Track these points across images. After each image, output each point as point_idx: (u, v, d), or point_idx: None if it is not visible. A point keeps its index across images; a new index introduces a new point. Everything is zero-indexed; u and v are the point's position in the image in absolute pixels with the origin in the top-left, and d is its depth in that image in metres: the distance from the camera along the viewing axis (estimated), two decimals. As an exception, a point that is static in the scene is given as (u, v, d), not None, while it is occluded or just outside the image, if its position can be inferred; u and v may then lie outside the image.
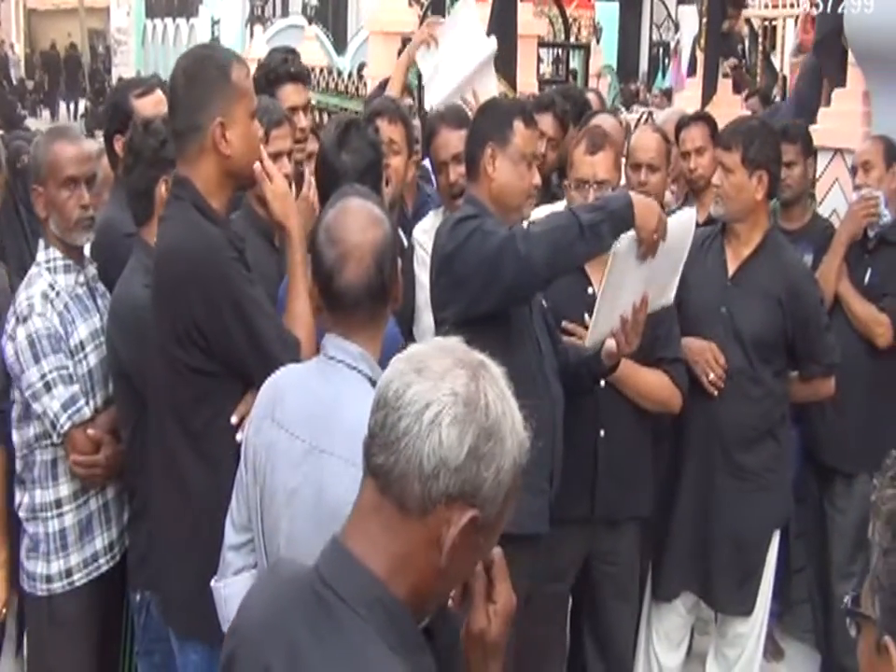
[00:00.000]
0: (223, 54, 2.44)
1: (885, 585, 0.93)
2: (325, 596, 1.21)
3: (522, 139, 2.81)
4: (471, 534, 1.20)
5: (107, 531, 2.84)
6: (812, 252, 4.16)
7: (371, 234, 1.97)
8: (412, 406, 1.18)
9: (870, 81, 4.46)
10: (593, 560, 3.19)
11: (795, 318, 3.29)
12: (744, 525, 3.30)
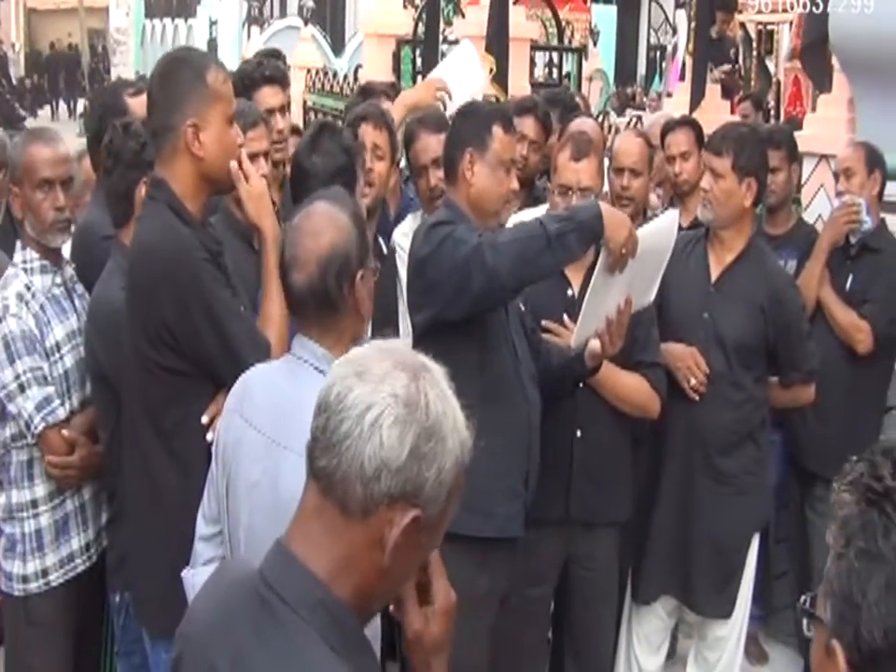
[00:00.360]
0: (201, 58, 2.46)
1: (835, 590, 0.95)
2: (268, 599, 1.22)
3: (500, 145, 2.82)
4: (414, 534, 1.21)
5: (84, 532, 2.85)
6: (796, 258, 4.18)
7: (321, 241, 1.99)
8: (353, 409, 1.19)
9: (854, 87, 4.48)
10: (571, 564, 3.20)
11: (777, 325, 3.31)
12: (723, 529, 3.31)
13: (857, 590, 0.92)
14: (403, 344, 1.31)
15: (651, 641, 3.48)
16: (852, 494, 0.97)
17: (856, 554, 0.93)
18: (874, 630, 0.90)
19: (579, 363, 2.89)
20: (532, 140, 3.97)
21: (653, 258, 2.87)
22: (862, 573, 0.92)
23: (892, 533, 0.92)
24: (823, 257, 3.92)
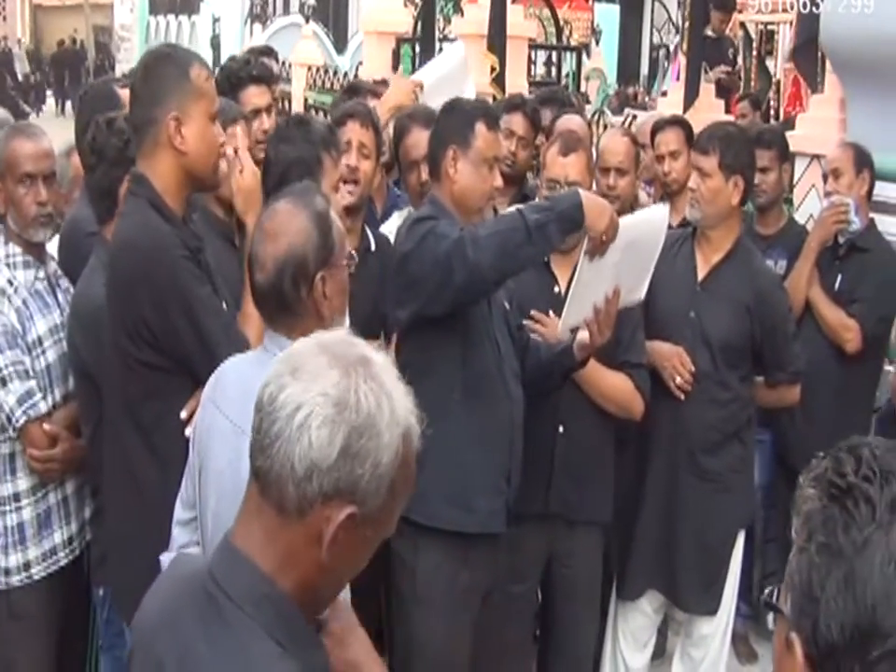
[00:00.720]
0: (185, 54, 2.47)
1: (796, 583, 0.95)
2: (214, 595, 1.23)
3: (484, 142, 2.83)
4: (353, 528, 1.21)
5: (66, 525, 2.86)
6: (787, 257, 4.18)
7: (278, 243, 2.01)
8: (283, 410, 1.19)
9: (846, 88, 4.48)
10: (553, 561, 3.21)
11: (763, 325, 3.31)
12: (708, 526, 3.32)
13: (816, 584, 0.93)
14: (347, 335, 1.30)
15: (637, 638, 3.49)
16: (816, 489, 0.97)
17: (816, 549, 0.94)
18: (831, 624, 0.91)
19: (567, 356, 2.89)
20: (521, 136, 3.98)
21: (642, 251, 2.87)
22: (822, 568, 0.93)
23: (853, 529, 0.93)
24: (812, 256, 3.93)
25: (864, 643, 0.89)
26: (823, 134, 4.58)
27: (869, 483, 0.94)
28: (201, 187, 2.48)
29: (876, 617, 0.89)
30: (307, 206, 2.05)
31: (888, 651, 0.89)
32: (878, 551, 0.91)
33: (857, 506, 0.93)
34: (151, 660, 1.27)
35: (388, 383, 1.24)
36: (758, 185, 4.22)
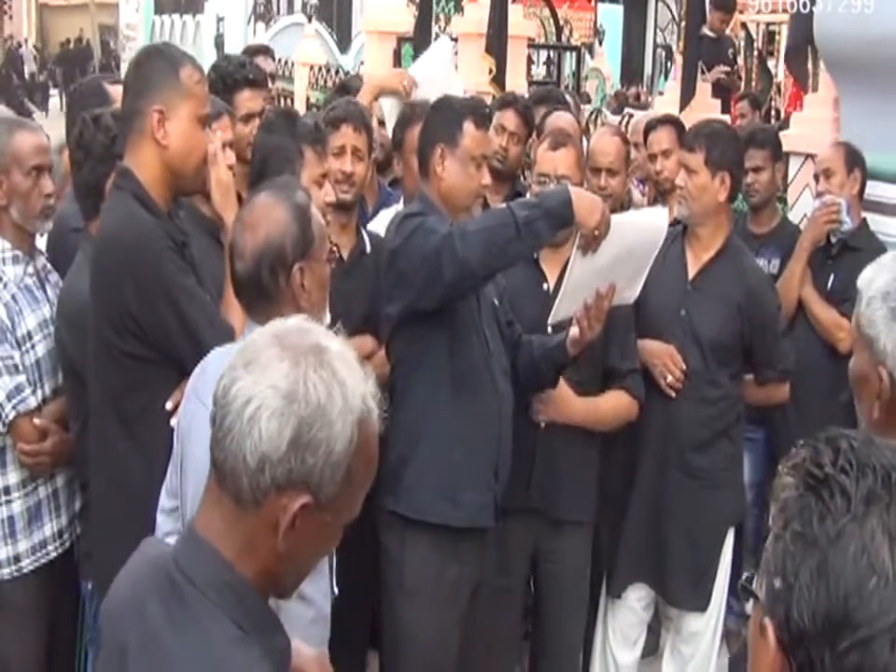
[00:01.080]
0: (179, 54, 2.50)
1: (771, 570, 0.96)
2: (177, 581, 1.25)
3: (471, 140, 2.85)
4: (311, 516, 1.23)
5: (56, 518, 2.88)
6: (780, 257, 4.19)
7: (257, 234, 2.05)
8: (234, 403, 1.21)
9: (839, 87, 4.48)
10: (539, 558, 3.23)
11: (753, 324, 3.33)
12: (698, 523, 3.33)
13: (790, 572, 0.94)
14: (304, 323, 1.30)
15: (627, 636, 3.50)
16: (793, 477, 0.98)
17: (791, 537, 0.95)
18: (803, 612, 0.92)
19: (560, 352, 2.90)
20: (512, 132, 4.01)
21: (638, 252, 2.88)
22: (796, 556, 0.94)
23: (827, 520, 0.94)
24: (805, 256, 3.94)
25: (835, 633, 0.90)
26: (817, 134, 4.58)
27: (846, 474, 0.95)
28: (183, 186, 2.48)
29: (848, 608, 0.90)
30: (287, 199, 2.09)
31: (857, 641, 0.90)
32: (852, 542, 0.92)
33: (832, 497, 0.94)
34: (116, 645, 1.29)
35: (341, 370, 1.24)
36: (751, 184, 4.24)
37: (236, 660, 1.21)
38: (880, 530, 0.91)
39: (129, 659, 1.26)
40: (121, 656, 1.27)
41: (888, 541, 0.91)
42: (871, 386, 1.56)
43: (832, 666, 0.90)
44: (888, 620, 0.89)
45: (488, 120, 2.99)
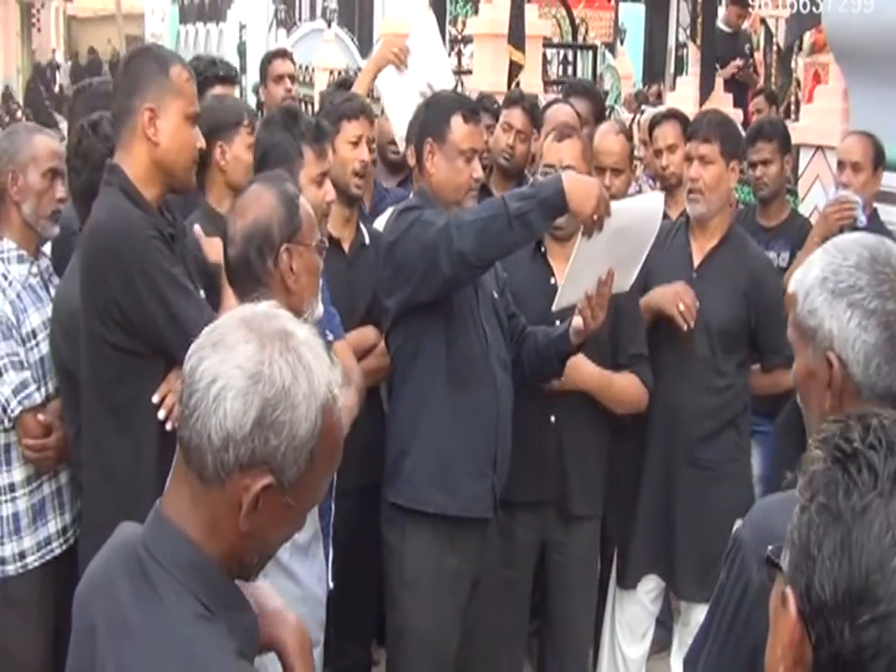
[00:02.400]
0: (168, 54, 2.55)
1: (795, 541, 0.97)
2: (144, 560, 1.27)
3: (459, 134, 2.87)
4: (274, 497, 1.25)
5: (61, 515, 2.91)
6: (789, 249, 4.16)
7: (246, 218, 2.13)
8: (201, 382, 1.23)
9: (848, 78, 4.45)
10: (547, 552, 3.23)
11: (759, 309, 3.33)
12: (705, 514, 3.32)
13: (814, 543, 0.94)
14: (272, 308, 1.32)
15: (634, 630, 3.49)
16: (822, 451, 0.98)
17: (817, 509, 0.95)
18: (825, 584, 0.92)
19: (563, 341, 2.91)
20: (519, 130, 4.03)
21: (635, 238, 2.88)
22: (821, 528, 0.94)
23: (854, 494, 0.94)
24: (815, 250, 3.88)
25: (855, 606, 0.91)
26: (827, 125, 4.56)
27: (874, 451, 0.95)
28: (173, 183, 2.50)
29: (869, 583, 0.90)
30: (275, 186, 2.16)
31: (878, 616, 0.90)
32: (877, 519, 0.92)
33: (860, 472, 0.94)
34: (86, 624, 1.31)
35: (307, 356, 1.26)
36: (760, 177, 4.22)
37: (200, 637, 1.22)
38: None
39: (97, 637, 1.28)
40: (91, 634, 1.29)
41: None
42: (819, 380, 1.52)
43: (850, 639, 0.91)
44: None
45: (478, 115, 3.00)
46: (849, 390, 1.50)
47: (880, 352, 1.47)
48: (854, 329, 1.48)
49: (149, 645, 1.22)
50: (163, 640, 1.22)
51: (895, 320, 1.47)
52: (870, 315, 1.47)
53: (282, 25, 16.50)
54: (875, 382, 1.48)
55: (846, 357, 1.49)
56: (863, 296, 1.48)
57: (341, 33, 13.90)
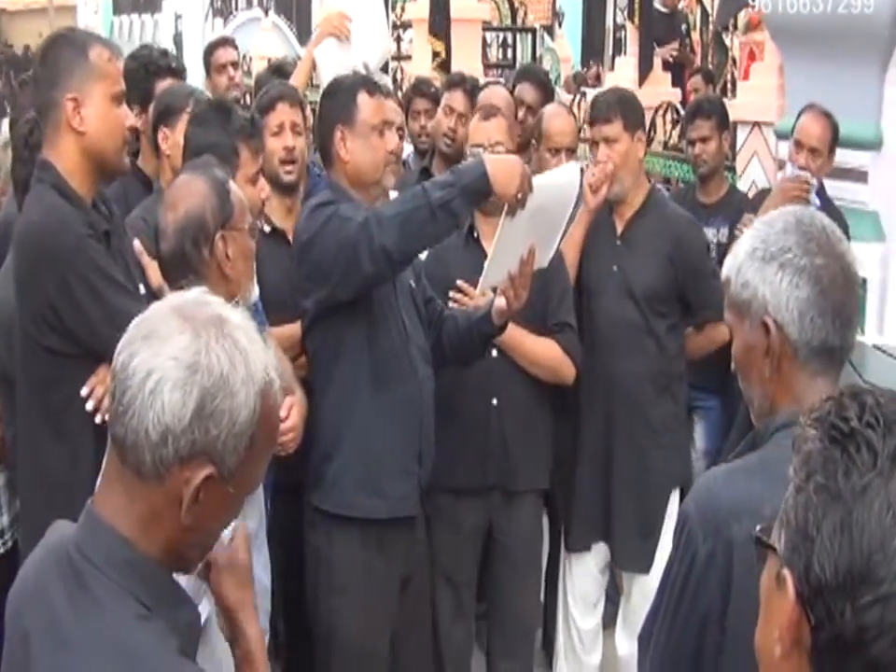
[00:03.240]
0: (85, 36, 2.46)
1: (791, 522, 0.95)
2: (77, 562, 1.23)
3: (367, 110, 2.82)
4: (214, 488, 1.22)
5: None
6: (728, 225, 4.20)
7: (177, 211, 2.09)
8: (135, 376, 1.20)
9: (783, 54, 4.49)
10: (492, 532, 3.22)
11: (685, 268, 3.40)
12: (644, 482, 3.36)
13: (812, 524, 0.93)
14: (202, 294, 1.29)
15: (587, 600, 3.51)
16: (817, 430, 0.97)
17: (815, 489, 0.94)
18: (825, 565, 0.91)
19: (486, 322, 2.87)
20: (461, 113, 4.02)
21: (554, 212, 2.86)
22: (819, 509, 0.93)
23: (853, 474, 0.92)
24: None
25: (856, 587, 0.89)
26: (763, 101, 4.60)
27: (872, 430, 0.94)
28: (105, 169, 2.45)
29: (871, 563, 0.89)
30: (204, 173, 2.12)
31: (880, 596, 0.89)
32: (877, 498, 0.90)
33: (859, 451, 0.93)
34: (19, 631, 1.26)
35: (243, 340, 1.24)
36: (699, 154, 4.26)
37: (139, 638, 1.19)
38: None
39: (31, 645, 1.24)
40: (25, 642, 1.25)
41: None
42: (758, 351, 1.55)
43: (852, 620, 0.89)
44: None
45: (380, 88, 2.98)
46: (787, 353, 1.53)
47: (813, 305, 1.51)
48: (787, 287, 1.51)
49: (87, 651, 1.18)
50: (102, 645, 1.18)
51: (825, 273, 1.52)
52: (801, 271, 1.51)
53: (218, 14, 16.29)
54: (810, 337, 1.52)
55: (781, 320, 1.52)
56: (793, 255, 1.52)
57: (278, 21, 13.78)
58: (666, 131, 5.59)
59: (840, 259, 1.55)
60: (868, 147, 4.07)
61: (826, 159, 3.80)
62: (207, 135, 2.72)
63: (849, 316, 1.55)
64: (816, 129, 3.81)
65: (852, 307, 1.56)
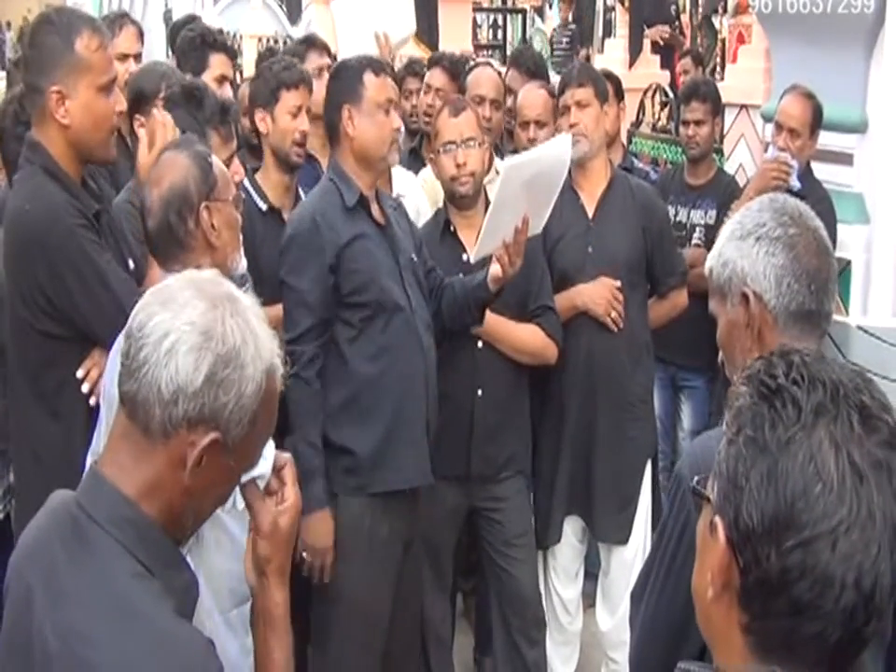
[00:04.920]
0: (73, 21, 2.39)
1: (723, 472, 1.01)
2: (79, 518, 1.27)
3: (373, 89, 2.89)
4: (217, 455, 1.26)
5: (-12, 494, 2.88)
6: (716, 207, 4.25)
7: (162, 186, 2.12)
8: (152, 336, 1.24)
9: (770, 37, 4.52)
10: (479, 512, 3.26)
11: (652, 235, 3.47)
12: (622, 454, 3.40)
13: (741, 474, 0.98)
14: (216, 275, 1.35)
15: (568, 571, 3.54)
16: (747, 387, 1.02)
17: (744, 442, 0.99)
18: (752, 512, 0.97)
19: (482, 289, 2.94)
20: (438, 89, 4.07)
21: (546, 182, 2.93)
22: (748, 460, 0.98)
23: (778, 427, 0.97)
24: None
25: (781, 532, 0.95)
26: (750, 84, 4.63)
27: (797, 386, 0.99)
28: (91, 160, 2.45)
29: (794, 510, 0.95)
30: (185, 149, 2.16)
31: (801, 541, 0.94)
32: (801, 450, 0.96)
33: (784, 406, 0.98)
34: (22, 586, 1.30)
35: (253, 321, 1.29)
36: (692, 136, 4.29)
37: (136, 595, 1.23)
38: (827, 441, 0.96)
39: (34, 601, 1.27)
40: (27, 599, 1.29)
41: (834, 451, 0.95)
42: (740, 326, 1.63)
43: (776, 563, 0.95)
44: (830, 523, 0.94)
45: (385, 68, 3.02)
46: (768, 322, 1.59)
47: (788, 271, 1.59)
48: (763, 257, 1.60)
49: (86, 604, 1.22)
50: (100, 599, 1.22)
51: (799, 241, 1.60)
52: (775, 241, 1.60)
53: (208, -8, 16.14)
54: (788, 302, 1.59)
55: (759, 289, 1.60)
56: (767, 228, 1.61)
57: (268, 0, 13.66)
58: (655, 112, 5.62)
59: (813, 231, 1.64)
60: (853, 129, 4.10)
61: (808, 140, 3.79)
62: (177, 122, 2.71)
63: (825, 281, 1.63)
64: (795, 110, 3.81)
65: (827, 273, 1.64)
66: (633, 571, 3.45)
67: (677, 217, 4.30)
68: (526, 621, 3.31)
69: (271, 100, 3.29)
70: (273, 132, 3.29)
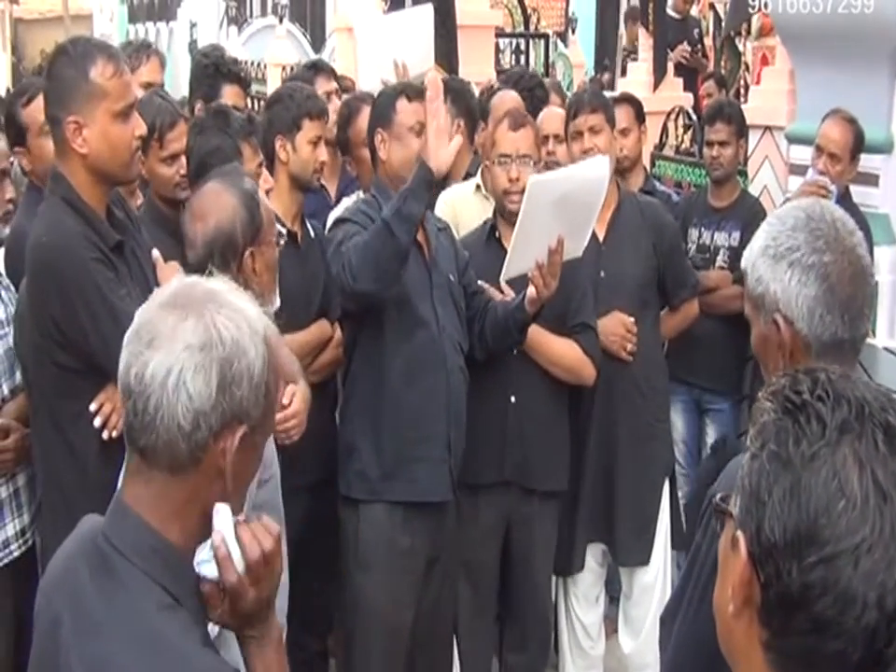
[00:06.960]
0: (88, 51, 2.40)
1: (746, 487, 1.01)
2: (105, 550, 1.27)
3: (404, 113, 2.97)
4: (246, 444, 1.28)
5: (19, 517, 2.87)
6: (740, 229, 4.23)
7: (207, 223, 2.13)
8: (154, 380, 1.24)
9: (794, 59, 4.51)
10: (511, 527, 3.28)
11: (664, 251, 3.51)
12: (642, 475, 3.43)
13: (764, 489, 0.98)
14: (181, 282, 1.34)
15: (588, 597, 3.56)
16: (772, 402, 1.02)
17: (768, 457, 0.99)
18: (774, 527, 0.96)
19: (520, 310, 2.99)
20: None
21: (582, 203, 2.96)
22: (771, 475, 0.98)
23: (802, 443, 0.97)
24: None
25: (803, 548, 0.95)
26: (774, 106, 4.62)
27: (822, 403, 0.99)
28: (114, 183, 2.47)
29: (817, 526, 0.94)
30: (234, 185, 2.13)
31: (823, 557, 0.94)
32: (825, 466, 0.96)
33: (809, 422, 0.98)
34: (50, 617, 1.30)
35: (236, 301, 1.30)
36: (716, 157, 4.30)
37: (165, 627, 1.23)
38: (851, 458, 0.95)
39: (61, 630, 1.28)
40: (55, 628, 1.29)
41: (857, 469, 0.95)
42: (772, 343, 1.61)
43: (797, 578, 0.95)
44: (852, 540, 0.93)
45: (420, 94, 3.04)
46: (800, 348, 1.58)
47: (821, 303, 1.56)
48: (795, 286, 1.57)
49: (115, 637, 1.22)
50: (129, 631, 1.22)
51: (833, 270, 1.57)
52: (808, 270, 1.56)
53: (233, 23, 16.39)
54: (821, 333, 1.57)
55: (792, 316, 1.57)
56: (801, 254, 1.57)
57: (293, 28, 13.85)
58: (678, 135, 5.61)
59: (849, 252, 1.59)
60: (879, 150, 4.08)
61: (848, 165, 3.80)
62: (209, 140, 2.79)
63: (860, 308, 1.60)
64: (836, 134, 3.81)
65: (862, 299, 1.61)
66: (654, 593, 3.45)
67: (701, 240, 4.29)
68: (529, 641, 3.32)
69: (293, 128, 3.32)
70: (293, 160, 3.31)
